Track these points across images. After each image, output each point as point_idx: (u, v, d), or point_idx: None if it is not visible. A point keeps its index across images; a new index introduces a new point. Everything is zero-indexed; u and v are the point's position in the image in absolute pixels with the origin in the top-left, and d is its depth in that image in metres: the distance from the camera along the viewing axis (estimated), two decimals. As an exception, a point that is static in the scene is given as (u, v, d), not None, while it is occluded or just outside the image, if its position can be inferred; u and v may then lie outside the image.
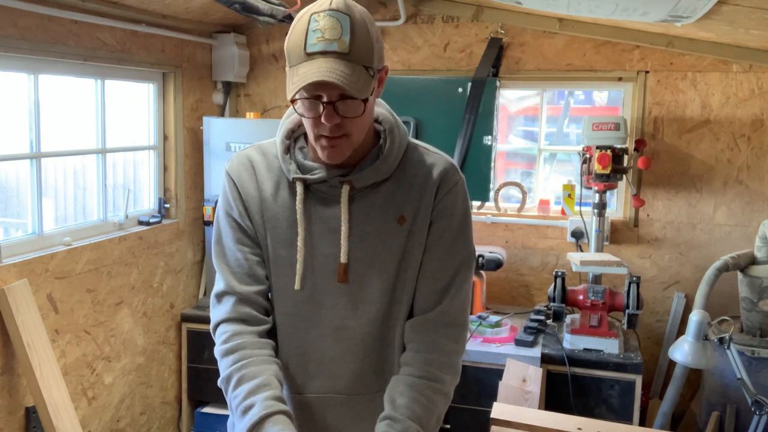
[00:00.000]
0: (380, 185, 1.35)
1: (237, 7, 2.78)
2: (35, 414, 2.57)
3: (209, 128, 3.56)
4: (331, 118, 1.21)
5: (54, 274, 2.74)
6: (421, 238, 1.37)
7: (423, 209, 1.36)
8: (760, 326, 3.02)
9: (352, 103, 1.22)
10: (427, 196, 1.36)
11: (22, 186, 2.86)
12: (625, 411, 2.93)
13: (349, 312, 1.35)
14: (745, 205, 3.36)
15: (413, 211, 1.35)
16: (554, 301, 3.05)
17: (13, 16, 2.49)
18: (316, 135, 1.26)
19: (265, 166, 1.40)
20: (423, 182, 1.36)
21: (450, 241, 1.38)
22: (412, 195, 1.36)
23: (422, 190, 1.36)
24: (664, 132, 3.43)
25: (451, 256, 1.38)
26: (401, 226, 1.35)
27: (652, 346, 3.55)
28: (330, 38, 1.17)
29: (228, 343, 1.32)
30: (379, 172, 1.34)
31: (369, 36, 1.22)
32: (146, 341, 3.38)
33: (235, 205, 1.39)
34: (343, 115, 1.22)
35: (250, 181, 1.39)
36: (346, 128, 1.24)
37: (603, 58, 3.47)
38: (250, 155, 1.43)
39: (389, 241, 1.35)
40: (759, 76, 3.28)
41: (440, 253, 1.38)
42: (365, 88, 1.21)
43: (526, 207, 3.69)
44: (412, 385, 1.31)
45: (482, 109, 3.49)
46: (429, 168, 1.37)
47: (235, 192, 1.40)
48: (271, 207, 1.37)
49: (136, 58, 3.18)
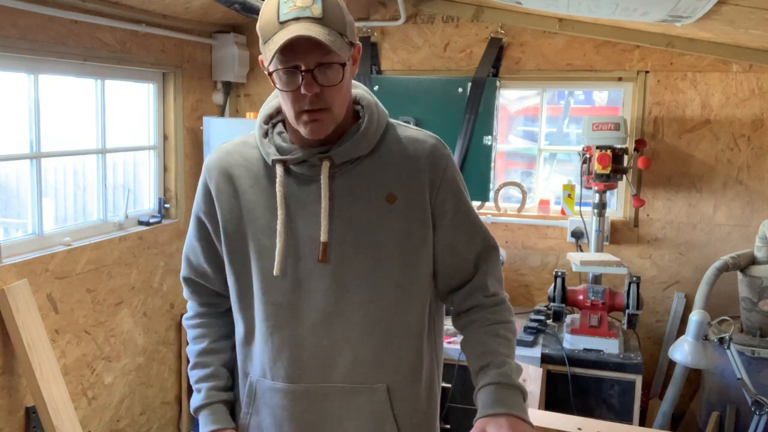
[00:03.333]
0: (362, 161, 1.32)
1: (237, 7, 2.78)
2: (35, 414, 2.57)
3: (209, 128, 3.56)
4: (311, 86, 1.20)
5: (54, 274, 2.74)
6: (422, 218, 1.34)
7: (416, 187, 1.33)
8: (760, 326, 3.02)
9: (330, 70, 1.20)
10: (419, 173, 1.33)
11: (22, 186, 2.86)
12: (625, 411, 2.93)
13: (339, 296, 1.31)
14: (745, 205, 3.36)
15: (404, 189, 1.32)
16: (554, 301, 3.05)
17: (13, 16, 2.49)
18: (297, 112, 1.24)
19: (243, 158, 1.39)
20: (411, 159, 1.33)
21: (465, 214, 1.38)
22: (401, 172, 1.33)
23: (412, 167, 1.33)
24: (664, 132, 3.43)
25: (472, 230, 1.39)
26: (391, 204, 1.31)
27: (652, 346, 3.55)
28: (302, 5, 1.17)
29: (191, 320, 1.57)
30: (359, 146, 1.31)
31: (340, 7, 1.22)
32: (146, 341, 3.38)
33: (202, 203, 1.43)
34: (322, 84, 1.20)
35: (224, 177, 1.38)
36: (326, 100, 1.22)
37: (603, 58, 3.47)
38: (228, 149, 1.42)
39: (380, 221, 1.31)
40: (759, 76, 3.28)
41: (461, 228, 1.37)
42: (343, 49, 1.20)
43: (526, 207, 3.70)
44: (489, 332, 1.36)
45: (482, 109, 3.49)
46: (415, 143, 1.35)
47: (205, 190, 1.42)
48: (250, 199, 1.36)
49: (136, 58, 3.18)
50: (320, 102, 1.22)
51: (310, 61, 1.18)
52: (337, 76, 1.22)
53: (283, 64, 1.19)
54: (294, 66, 1.19)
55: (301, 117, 1.24)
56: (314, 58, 1.18)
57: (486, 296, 1.39)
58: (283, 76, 1.21)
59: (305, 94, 1.20)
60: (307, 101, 1.21)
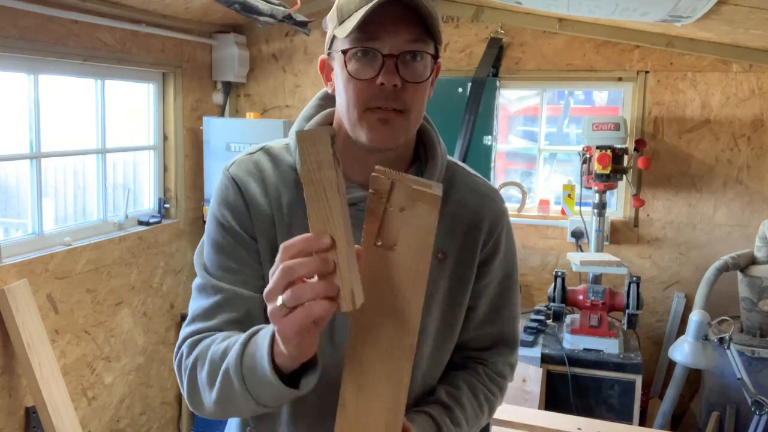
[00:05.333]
0: None
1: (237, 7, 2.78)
2: (35, 414, 2.57)
3: (209, 128, 3.56)
4: (392, 76, 0.95)
5: (54, 274, 2.74)
6: (467, 279, 1.15)
7: (469, 247, 1.14)
8: (760, 326, 3.02)
9: (418, 62, 0.98)
10: (475, 231, 1.14)
11: (22, 186, 2.86)
12: (625, 411, 2.93)
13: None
14: (745, 205, 3.36)
15: (456, 245, 1.13)
16: (554, 301, 3.05)
17: (13, 16, 2.49)
18: (362, 107, 0.98)
19: (278, 178, 1.09)
20: (469, 212, 1.14)
21: (509, 285, 1.21)
22: (455, 227, 1.13)
23: (468, 222, 1.14)
24: (664, 132, 3.43)
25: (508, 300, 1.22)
26: (441, 264, 1.12)
27: (652, 346, 3.55)
28: None
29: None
30: None
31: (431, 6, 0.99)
32: (146, 341, 3.38)
33: (234, 221, 1.08)
34: (405, 78, 0.97)
35: (261, 195, 1.08)
36: (405, 100, 0.98)
37: (603, 58, 3.47)
38: (259, 163, 1.11)
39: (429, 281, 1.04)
40: (759, 76, 3.28)
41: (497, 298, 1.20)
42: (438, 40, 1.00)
43: (526, 207, 3.69)
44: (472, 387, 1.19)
45: (482, 109, 3.49)
46: (475, 194, 1.16)
47: (241, 204, 1.08)
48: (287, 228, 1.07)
49: (136, 58, 3.18)
50: (398, 100, 0.98)
51: (396, 43, 0.96)
52: (425, 71, 0.99)
53: (359, 43, 0.95)
54: (373, 48, 0.96)
55: (367, 116, 0.99)
56: (402, 41, 0.96)
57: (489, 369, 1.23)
58: (357, 59, 0.97)
59: (382, 84, 0.96)
60: (382, 96, 0.97)
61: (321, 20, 3.76)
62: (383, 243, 0.88)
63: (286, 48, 3.91)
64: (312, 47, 3.86)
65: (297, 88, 3.93)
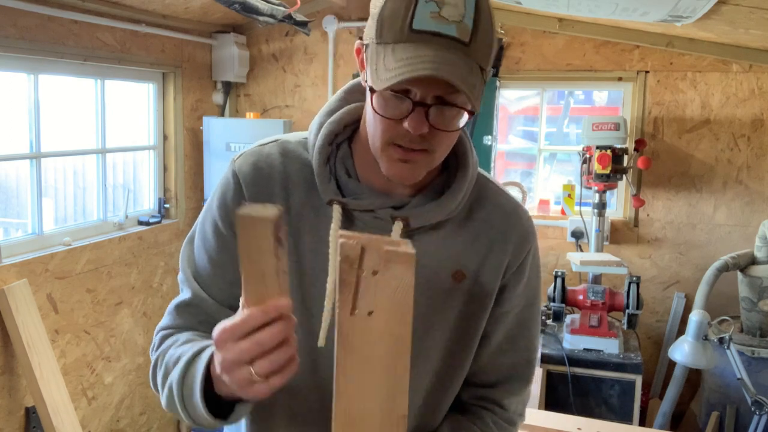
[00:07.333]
0: (439, 226, 1.02)
1: (237, 7, 2.78)
2: (35, 414, 2.57)
3: (209, 128, 3.56)
4: (420, 125, 0.88)
5: (54, 274, 2.74)
6: (485, 304, 1.06)
7: (490, 269, 1.05)
8: (760, 326, 3.02)
9: (450, 111, 0.89)
10: (500, 255, 1.05)
11: (22, 186, 2.86)
12: (625, 411, 2.93)
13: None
14: (745, 205, 3.36)
15: (475, 267, 1.04)
16: (554, 301, 3.05)
17: (13, 16, 2.49)
18: (386, 141, 0.92)
19: (289, 176, 1.03)
20: (496, 235, 1.05)
21: (529, 315, 1.12)
22: (478, 245, 1.04)
23: (492, 245, 1.05)
24: (664, 132, 3.43)
25: (527, 330, 1.13)
26: (458, 284, 1.03)
27: (652, 346, 3.55)
28: (449, 18, 0.84)
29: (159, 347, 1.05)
30: (444, 209, 1.00)
31: (492, 27, 0.89)
32: (146, 341, 3.38)
33: (224, 223, 1.03)
34: (433, 125, 0.89)
35: (266, 195, 1.02)
36: (430, 143, 0.91)
37: (603, 58, 3.47)
38: (270, 157, 1.04)
39: (440, 301, 1.03)
40: (759, 76, 3.28)
41: (516, 327, 1.11)
42: (478, 96, 0.88)
43: (526, 207, 3.69)
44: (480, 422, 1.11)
45: (482, 109, 3.46)
46: (502, 216, 1.07)
47: (237, 206, 0.96)
48: (293, 231, 1.02)
49: (136, 58, 3.18)
50: (423, 143, 0.91)
51: (429, 93, 0.88)
52: (457, 122, 0.91)
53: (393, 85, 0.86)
54: (405, 90, 0.88)
55: (389, 150, 0.93)
56: (436, 90, 0.87)
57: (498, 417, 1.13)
58: (389, 98, 0.89)
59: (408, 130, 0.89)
60: (408, 137, 0.91)
61: (321, 20, 3.76)
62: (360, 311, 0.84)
63: (286, 48, 3.91)
64: (312, 47, 3.86)
65: (297, 88, 3.93)
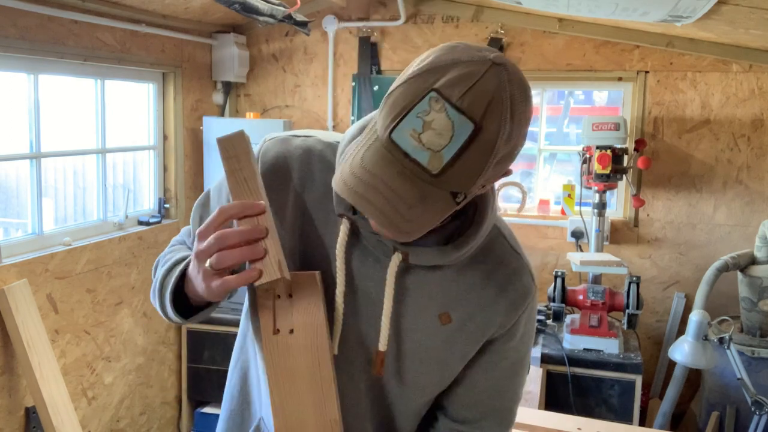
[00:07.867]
0: (438, 267, 1.02)
1: (237, 7, 2.78)
2: (35, 414, 2.57)
3: (209, 128, 3.56)
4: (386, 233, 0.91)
5: (54, 274, 2.74)
6: (465, 351, 1.06)
7: (480, 322, 1.04)
8: (760, 326, 3.02)
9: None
10: (491, 313, 1.04)
11: (22, 186, 2.86)
12: (625, 411, 2.93)
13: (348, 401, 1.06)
14: (745, 205, 3.36)
15: (465, 316, 1.03)
16: (554, 301, 3.05)
17: (13, 16, 2.49)
18: None
19: (312, 174, 1.05)
20: (492, 291, 1.04)
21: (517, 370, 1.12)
22: (471, 297, 1.03)
23: (486, 300, 1.04)
24: (664, 132, 3.43)
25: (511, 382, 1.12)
26: (442, 325, 1.03)
27: (652, 346, 3.55)
28: (426, 145, 0.80)
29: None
30: (445, 258, 0.99)
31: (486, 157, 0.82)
32: (146, 341, 3.38)
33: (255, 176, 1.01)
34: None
35: (279, 187, 1.04)
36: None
37: (603, 58, 3.47)
38: (294, 153, 1.05)
39: (422, 334, 1.03)
40: (759, 76, 3.28)
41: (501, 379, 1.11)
42: (432, 219, 0.86)
43: (526, 207, 3.70)
44: None
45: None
46: (504, 273, 1.05)
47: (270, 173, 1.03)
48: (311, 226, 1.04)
49: (136, 58, 3.18)
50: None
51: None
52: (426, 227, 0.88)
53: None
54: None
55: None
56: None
57: None
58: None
59: None
60: None
61: (321, 20, 3.76)
62: (281, 330, 0.95)
63: (286, 48, 3.91)
64: (312, 47, 3.86)
65: (297, 88, 3.93)
